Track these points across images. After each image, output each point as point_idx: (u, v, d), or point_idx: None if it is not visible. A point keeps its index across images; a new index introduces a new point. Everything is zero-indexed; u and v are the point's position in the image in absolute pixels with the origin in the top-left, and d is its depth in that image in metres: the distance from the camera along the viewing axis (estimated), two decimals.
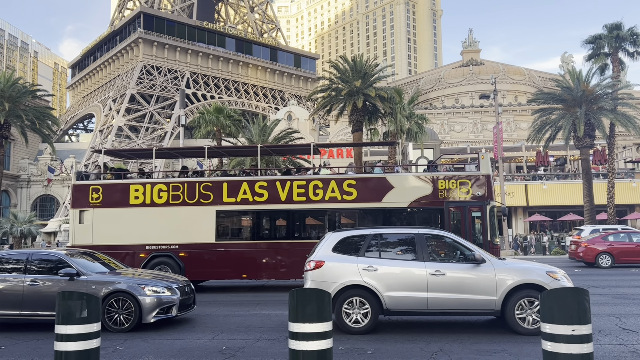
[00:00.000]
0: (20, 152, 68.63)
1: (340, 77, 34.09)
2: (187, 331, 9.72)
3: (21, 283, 10.02)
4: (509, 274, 8.85)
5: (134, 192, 16.71)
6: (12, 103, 34.68)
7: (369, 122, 34.84)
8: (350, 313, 9.07)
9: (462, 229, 15.40)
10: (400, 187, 16.02)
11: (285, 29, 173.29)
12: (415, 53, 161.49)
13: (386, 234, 9.80)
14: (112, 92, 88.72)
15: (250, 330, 9.66)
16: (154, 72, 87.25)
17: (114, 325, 9.69)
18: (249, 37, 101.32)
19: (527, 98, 68.69)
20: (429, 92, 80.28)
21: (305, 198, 16.19)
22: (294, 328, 4.07)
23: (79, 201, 16.89)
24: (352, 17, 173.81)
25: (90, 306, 4.08)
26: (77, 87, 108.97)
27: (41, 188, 68.64)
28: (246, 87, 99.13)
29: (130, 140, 77.42)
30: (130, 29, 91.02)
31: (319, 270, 9.29)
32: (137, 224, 16.55)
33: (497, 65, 78.65)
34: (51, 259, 10.48)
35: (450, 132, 63.72)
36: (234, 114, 39.99)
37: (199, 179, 17.23)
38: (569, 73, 37.92)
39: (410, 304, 8.99)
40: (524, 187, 49.11)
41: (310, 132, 61.68)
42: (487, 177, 15.78)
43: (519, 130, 61.94)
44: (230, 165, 35.65)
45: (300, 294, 4.08)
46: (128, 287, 9.86)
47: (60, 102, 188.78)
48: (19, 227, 40.75)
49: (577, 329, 3.72)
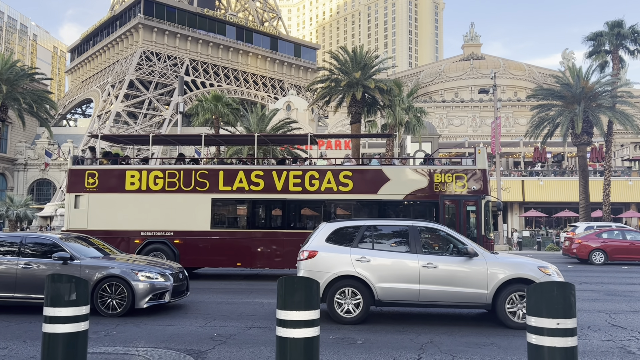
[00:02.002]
0: (18, 136, 68.39)
1: (340, 68, 33.98)
2: (179, 317, 9.77)
3: (14, 266, 10.04)
4: (501, 268, 8.90)
5: (130, 177, 16.69)
6: (9, 85, 34.50)
7: (367, 114, 34.77)
8: (342, 303, 9.12)
9: (457, 222, 15.45)
10: (396, 180, 16.05)
11: (286, 18, 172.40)
12: (416, 46, 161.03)
13: (380, 226, 9.83)
14: (111, 77, 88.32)
15: (242, 318, 9.71)
16: (153, 59, 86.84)
17: (106, 310, 9.72)
18: (249, 26, 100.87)
19: (527, 94, 68.62)
20: (429, 86, 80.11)
21: (302, 188, 16.21)
22: (281, 315, 4.09)
23: (74, 186, 16.87)
24: (354, 7, 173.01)
25: (79, 289, 4.10)
26: (76, 72, 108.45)
27: (38, 172, 68.45)
28: (246, 75, 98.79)
29: (128, 126, 77.21)
30: (131, 14, 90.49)
31: (312, 260, 9.33)
32: (133, 210, 16.56)
33: (497, 60, 78.48)
34: (45, 242, 10.49)
35: (449, 126, 63.66)
36: (233, 102, 39.89)
37: (196, 166, 17.23)
38: (569, 70, 37.88)
39: (402, 295, 9.04)
40: (521, 182, 49.18)
41: (309, 123, 61.56)
42: (482, 171, 15.82)
43: (517, 125, 61.93)
44: (228, 153, 35.61)
45: (288, 282, 4.10)
46: (121, 272, 9.89)
47: (59, 87, 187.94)
48: (14, 210, 40.71)
49: (562, 322, 3.75)
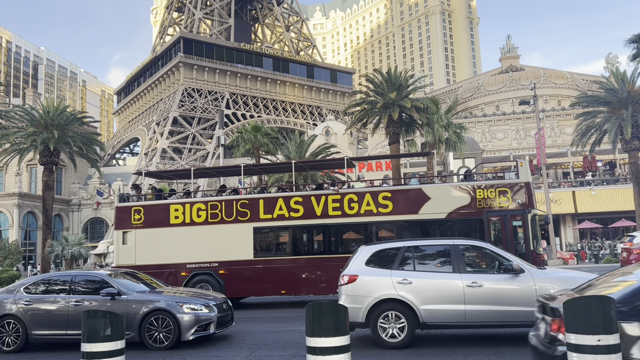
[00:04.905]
0: (71, 177, 71.53)
1: (375, 90, 34.05)
2: (224, 348, 9.81)
3: (67, 303, 10.37)
4: (550, 284, 8.54)
5: (174, 211, 17.07)
6: (60, 130, 36.22)
7: (405, 133, 34.56)
8: (386, 327, 8.93)
9: (503, 238, 14.99)
10: (437, 198, 15.76)
11: (321, 45, 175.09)
12: (452, 62, 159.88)
13: (420, 246, 9.65)
14: (155, 115, 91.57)
15: (287, 347, 9.65)
16: (194, 95, 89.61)
17: (154, 343, 9.87)
18: (285, 56, 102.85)
19: (571, 102, 66.68)
20: (468, 101, 79.10)
21: (341, 212, 16.14)
22: (311, 343, 4.04)
23: (122, 222, 17.38)
24: (388, 29, 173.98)
25: (113, 324, 4.18)
26: (123, 113, 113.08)
27: (91, 211, 71.20)
28: (284, 104, 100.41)
29: (174, 161, 79.51)
30: (171, 53, 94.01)
31: (353, 284, 9.22)
32: (178, 243, 16.87)
33: (537, 70, 76.84)
34: (94, 279, 10.81)
35: (492, 140, 62.44)
36: (272, 131, 40.49)
37: (236, 196, 17.47)
38: (613, 74, 36.62)
39: (447, 317, 8.79)
40: (572, 193, 47.44)
41: (349, 147, 61.71)
42: (526, 184, 15.34)
43: (563, 135, 60.08)
44: (269, 182, 36.04)
45: (315, 308, 4.06)
46: (167, 305, 10.04)
47: (107, 128, 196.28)
48: (70, 249, 42.27)
49: (603, 339, 3.54)
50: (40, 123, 36.29)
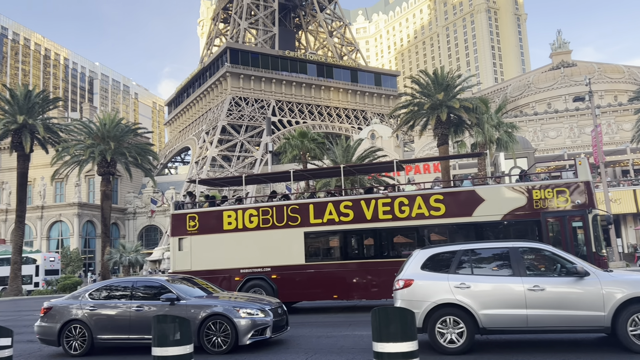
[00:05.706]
0: (126, 187, 74.26)
1: (421, 91, 33.67)
2: (281, 352, 9.87)
3: (128, 309, 10.72)
4: (618, 287, 8.14)
5: (227, 218, 17.39)
6: (116, 142, 37.74)
7: (454, 134, 33.98)
8: (444, 333, 8.75)
9: (563, 240, 14.44)
10: (491, 200, 15.36)
11: (364, 49, 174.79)
12: (500, 60, 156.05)
13: (478, 249, 9.41)
14: (204, 125, 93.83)
15: (343, 352, 9.62)
16: (242, 103, 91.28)
17: (212, 348, 10.04)
18: (329, 61, 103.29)
19: (629, 97, 63.77)
20: (518, 99, 76.97)
21: (392, 216, 15.99)
22: (378, 348, 3.99)
23: (177, 229, 17.86)
24: (432, 30, 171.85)
25: (182, 329, 4.28)
26: (173, 123, 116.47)
27: (146, 219, 73.68)
28: (329, 109, 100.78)
29: (223, 169, 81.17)
30: (219, 64, 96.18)
31: (409, 289, 9.09)
32: (232, 249, 17.16)
33: (591, 65, 73.94)
34: (154, 285, 11.11)
35: (544, 139, 60.47)
36: (318, 137, 40.71)
37: (287, 202, 17.62)
38: None
39: (508, 322, 8.53)
40: (632, 192, 45.22)
41: (395, 149, 61.20)
42: (586, 183, 14.72)
43: (621, 131, 57.49)
44: (317, 186, 36.19)
45: (382, 313, 4.02)
46: (224, 310, 10.20)
47: (159, 138, 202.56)
48: (127, 256, 43.85)
49: None
50: (97, 135, 37.91)
